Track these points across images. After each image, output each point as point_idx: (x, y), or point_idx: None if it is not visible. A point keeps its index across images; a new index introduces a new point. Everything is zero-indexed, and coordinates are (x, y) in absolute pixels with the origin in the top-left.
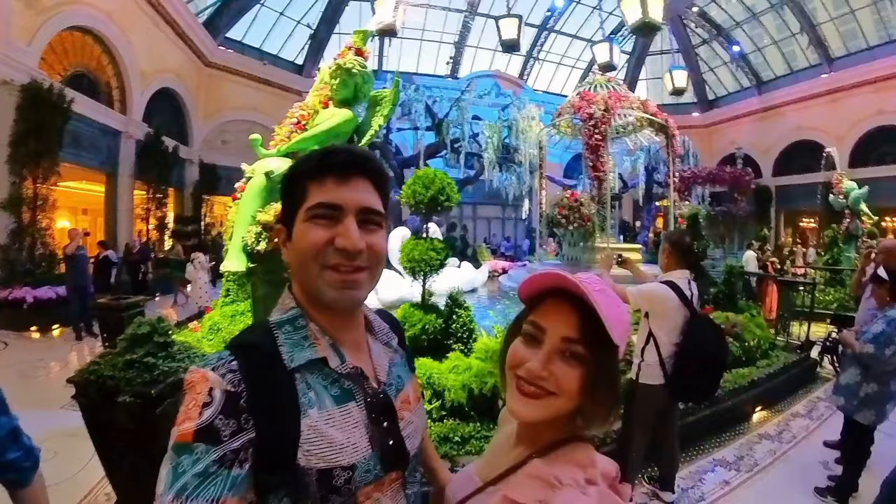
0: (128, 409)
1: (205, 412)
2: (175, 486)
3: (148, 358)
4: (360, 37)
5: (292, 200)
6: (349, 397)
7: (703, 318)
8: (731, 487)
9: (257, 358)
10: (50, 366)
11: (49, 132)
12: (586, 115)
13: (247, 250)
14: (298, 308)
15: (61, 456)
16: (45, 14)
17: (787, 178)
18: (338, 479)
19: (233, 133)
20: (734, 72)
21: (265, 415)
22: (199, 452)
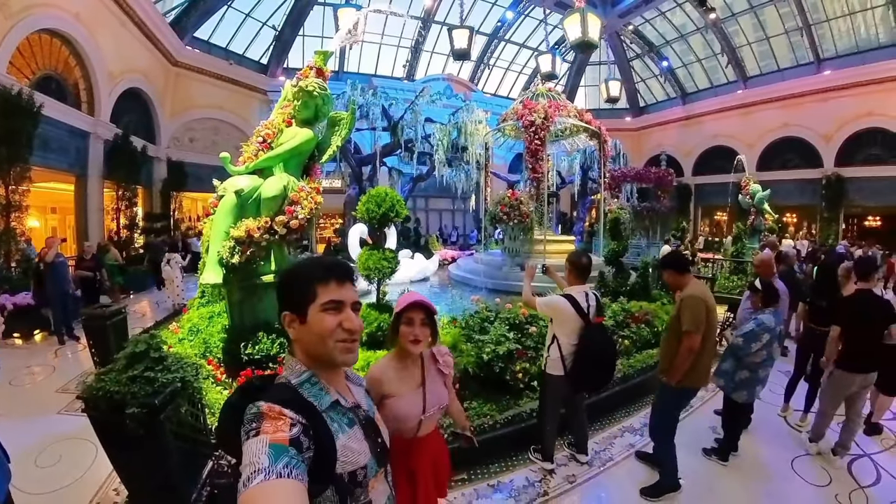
0: (136, 418)
1: (293, 430)
2: (281, 461)
3: (147, 372)
4: (321, 57)
5: (303, 296)
6: (353, 423)
7: (596, 326)
8: (634, 449)
9: (304, 407)
10: (37, 372)
11: (20, 138)
12: (528, 122)
13: (222, 263)
14: (309, 371)
15: (65, 459)
16: (13, 18)
17: (704, 177)
18: (359, 475)
19: (199, 131)
20: (663, 83)
21: (319, 441)
22: (292, 454)
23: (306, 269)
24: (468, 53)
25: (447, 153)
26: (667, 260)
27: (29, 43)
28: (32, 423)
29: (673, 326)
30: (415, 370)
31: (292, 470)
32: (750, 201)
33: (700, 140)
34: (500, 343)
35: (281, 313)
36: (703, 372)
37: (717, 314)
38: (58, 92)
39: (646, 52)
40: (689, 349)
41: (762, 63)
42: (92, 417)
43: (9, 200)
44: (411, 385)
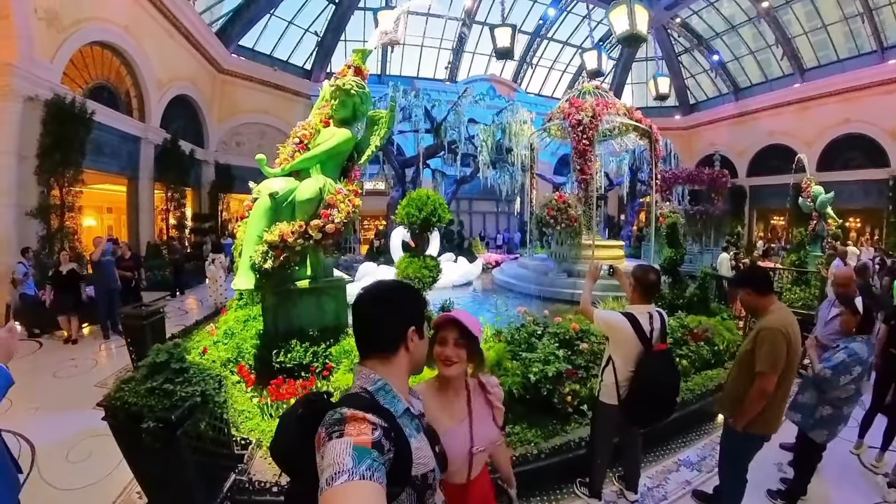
0: (152, 432)
1: (375, 433)
2: (364, 463)
3: (166, 385)
4: (360, 56)
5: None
6: (420, 429)
7: (657, 354)
8: (691, 487)
9: (382, 412)
10: (79, 366)
11: (73, 143)
12: (575, 122)
13: (255, 268)
14: (383, 379)
15: (95, 456)
16: (66, 32)
17: (760, 178)
18: (430, 478)
19: (246, 135)
20: (713, 79)
21: (398, 444)
22: (374, 456)
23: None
24: (511, 52)
25: (491, 154)
26: (745, 276)
27: (81, 55)
28: (69, 416)
29: (745, 360)
30: (459, 399)
31: (374, 472)
32: (811, 205)
33: (754, 138)
34: (548, 362)
35: (403, 326)
36: (774, 418)
37: (800, 347)
38: (110, 100)
39: (694, 46)
40: (762, 392)
41: (820, 54)
42: (112, 426)
43: (63, 201)
44: (456, 417)
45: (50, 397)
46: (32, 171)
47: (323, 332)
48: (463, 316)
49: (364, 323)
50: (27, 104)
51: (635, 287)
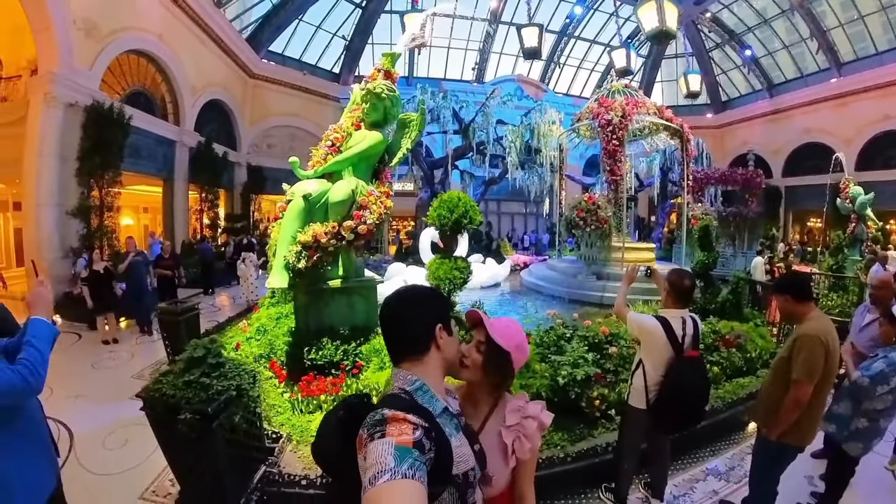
0: (188, 423)
1: (416, 433)
2: (406, 462)
3: (203, 378)
4: (389, 59)
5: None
6: (459, 428)
7: (688, 360)
8: (718, 497)
9: (421, 412)
10: (118, 358)
11: (111, 146)
12: (604, 121)
13: (288, 267)
14: (420, 380)
15: (132, 443)
16: (103, 41)
17: (796, 178)
18: (470, 476)
19: (277, 137)
20: (746, 75)
21: (438, 443)
22: (416, 455)
23: None
24: (539, 51)
25: (520, 155)
26: (785, 283)
27: (119, 62)
28: (106, 405)
29: (780, 368)
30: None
31: (416, 472)
32: (850, 206)
33: (790, 136)
34: (577, 366)
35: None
36: (809, 429)
37: (838, 356)
38: (146, 105)
39: (726, 41)
40: (797, 402)
41: (857, 46)
42: (149, 416)
43: (102, 201)
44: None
45: (88, 387)
46: (73, 172)
47: (353, 331)
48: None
49: (392, 325)
50: (68, 110)
51: (669, 292)
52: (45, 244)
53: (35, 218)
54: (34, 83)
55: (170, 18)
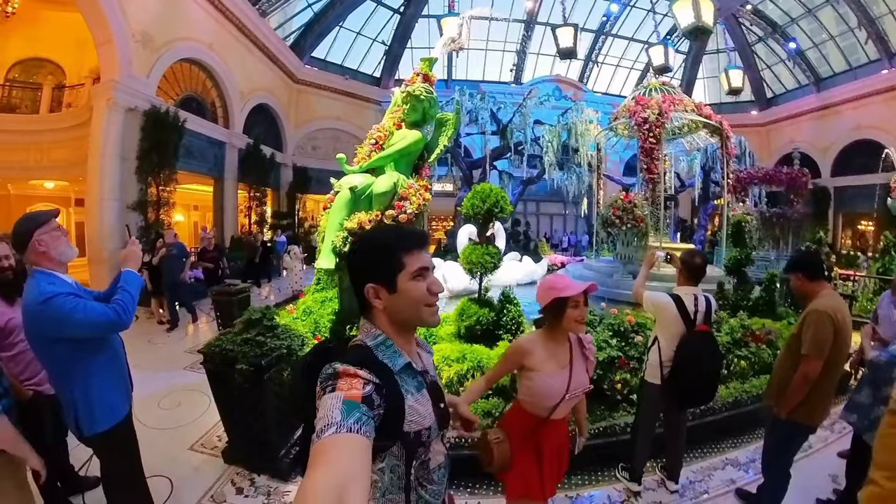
0: (243, 374)
1: (366, 388)
2: (352, 416)
3: (259, 337)
4: (427, 64)
5: (390, 267)
6: (422, 386)
7: (699, 334)
8: (735, 486)
9: (378, 367)
10: (173, 336)
11: (167, 147)
12: (641, 120)
13: (335, 251)
14: (384, 335)
15: (183, 406)
16: (158, 51)
17: (845, 178)
18: (423, 436)
19: (321, 139)
20: (791, 69)
21: (390, 399)
22: (363, 410)
23: (390, 239)
24: (574, 51)
25: (557, 155)
26: (798, 260)
27: (173, 70)
28: (162, 374)
29: (791, 345)
30: (563, 351)
31: (361, 426)
32: None
33: (839, 133)
34: (600, 349)
35: (363, 285)
36: (819, 407)
37: (849, 335)
38: (198, 109)
39: (769, 34)
40: (805, 377)
41: None
42: (208, 370)
43: (159, 197)
44: (558, 365)
45: (146, 358)
46: (133, 171)
47: None
48: (587, 285)
49: None
50: (128, 114)
51: (681, 270)
52: (106, 235)
53: (98, 212)
54: (97, 90)
55: (219, 29)
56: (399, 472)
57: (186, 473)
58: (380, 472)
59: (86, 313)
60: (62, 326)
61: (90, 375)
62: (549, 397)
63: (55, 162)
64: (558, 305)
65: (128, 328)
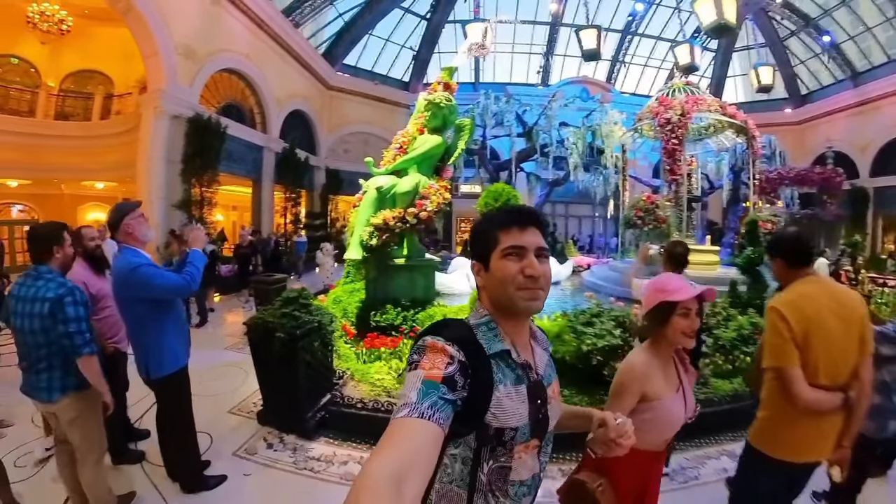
0: (281, 342)
1: (449, 368)
2: (428, 399)
3: (295, 312)
4: (448, 73)
5: (486, 244)
6: (521, 381)
7: None
8: (727, 474)
9: (470, 344)
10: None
11: (210, 151)
12: (663, 121)
13: (363, 244)
14: (490, 315)
15: (224, 378)
16: (200, 63)
17: (886, 178)
18: (506, 435)
19: (352, 143)
20: (826, 63)
21: (476, 382)
22: (443, 391)
23: (491, 217)
24: (598, 53)
25: (582, 157)
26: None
27: (214, 80)
28: (206, 353)
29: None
30: (671, 367)
31: (436, 412)
32: None
33: (878, 130)
34: (602, 336)
35: (472, 263)
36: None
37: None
38: (238, 116)
39: (801, 28)
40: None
41: None
42: (250, 339)
43: (202, 197)
44: (673, 386)
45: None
46: (178, 173)
47: (413, 302)
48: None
49: None
50: (173, 121)
51: (666, 258)
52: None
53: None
54: (145, 99)
55: (255, 41)
56: (469, 466)
57: (225, 431)
58: (451, 457)
59: (163, 279)
60: (145, 289)
61: (161, 329)
62: (671, 427)
63: (105, 165)
64: (664, 311)
65: (192, 293)
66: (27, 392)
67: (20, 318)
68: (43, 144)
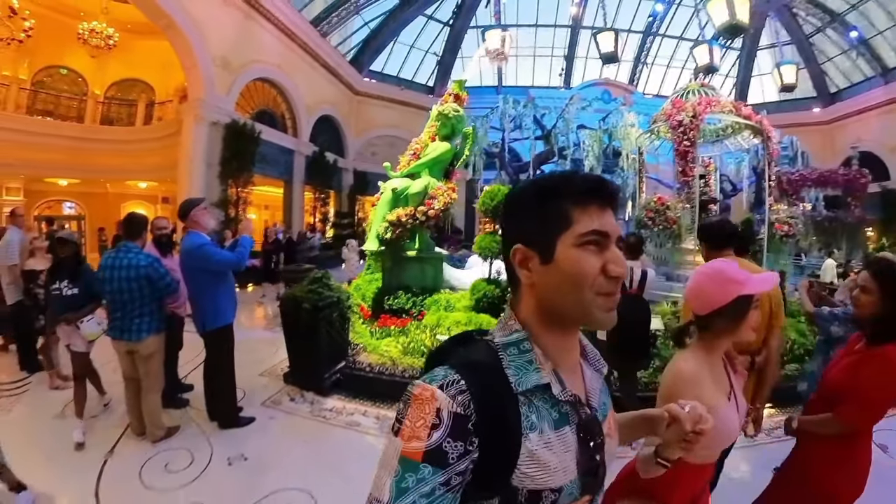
0: (306, 311)
1: (433, 434)
2: (407, 498)
3: (319, 289)
4: (458, 85)
5: (548, 223)
6: (566, 421)
7: (630, 296)
8: None
9: (486, 380)
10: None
11: (245, 155)
12: (675, 123)
13: (379, 238)
14: (524, 331)
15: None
16: (236, 73)
17: None
18: (545, 500)
19: (379, 146)
20: (854, 60)
21: (491, 436)
22: (425, 474)
23: (555, 182)
24: (616, 56)
25: (599, 159)
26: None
27: (248, 88)
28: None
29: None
30: (721, 371)
31: None
32: None
33: None
34: None
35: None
36: None
37: None
38: (270, 121)
39: (827, 24)
40: None
41: None
42: (282, 311)
43: (238, 197)
44: (724, 392)
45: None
46: (216, 174)
47: (423, 290)
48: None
49: None
50: (212, 127)
51: (623, 247)
52: None
53: None
54: (186, 107)
55: (286, 51)
56: None
57: (256, 388)
58: None
59: (220, 256)
60: (206, 262)
61: (215, 293)
62: (728, 438)
63: (147, 166)
64: (742, 306)
65: (242, 268)
66: (117, 336)
67: (116, 282)
68: (90, 147)
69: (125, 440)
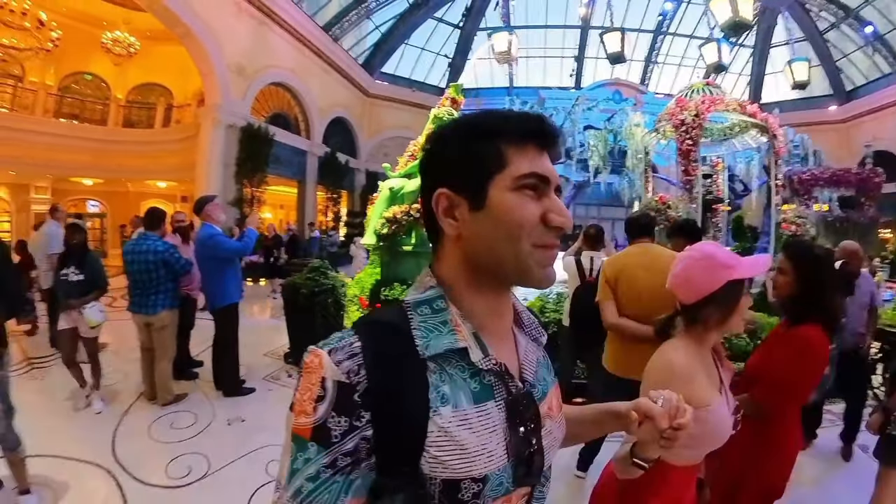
0: (304, 296)
1: (318, 408)
2: (291, 487)
3: (317, 277)
4: (455, 89)
5: (482, 163)
6: (489, 395)
7: (587, 285)
8: None
9: (386, 340)
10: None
11: (260, 156)
12: (678, 122)
13: (377, 233)
14: (439, 288)
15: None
16: (251, 78)
17: None
18: (465, 492)
19: (391, 147)
20: (871, 56)
21: (386, 410)
22: (311, 453)
23: (490, 119)
24: (622, 56)
25: (605, 160)
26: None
27: (263, 93)
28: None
29: None
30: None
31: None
32: None
33: None
34: None
35: (433, 190)
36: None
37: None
38: (284, 124)
39: (841, 20)
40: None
41: None
42: (284, 297)
43: (253, 196)
44: (715, 386)
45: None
46: (232, 174)
47: None
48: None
49: None
50: (228, 130)
51: (583, 238)
52: None
53: None
54: (203, 111)
55: (298, 56)
56: None
57: (259, 365)
58: None
59: (228, 244)
60: (216, 250)
61: (224, 276)
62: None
63: (166, 167)
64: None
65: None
66: (136, 310)
67: (136, 264)
68: (113, 149)
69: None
